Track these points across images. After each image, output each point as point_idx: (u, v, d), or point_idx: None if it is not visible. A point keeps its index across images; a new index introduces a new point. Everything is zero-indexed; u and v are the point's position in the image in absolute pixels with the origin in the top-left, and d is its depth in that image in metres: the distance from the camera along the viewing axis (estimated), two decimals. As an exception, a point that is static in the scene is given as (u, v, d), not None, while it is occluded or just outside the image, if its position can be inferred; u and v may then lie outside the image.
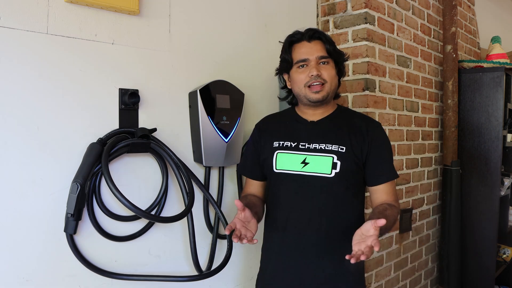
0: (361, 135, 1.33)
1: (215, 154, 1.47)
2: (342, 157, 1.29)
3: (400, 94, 2.16)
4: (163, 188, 1.39)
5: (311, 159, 1.32)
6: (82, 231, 1.23)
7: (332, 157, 1.30)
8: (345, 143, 1.31)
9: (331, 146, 1.31)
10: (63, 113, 1.19)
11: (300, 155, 1.34)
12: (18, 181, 1.11)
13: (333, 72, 1.33)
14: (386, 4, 2.03)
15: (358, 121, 1.38)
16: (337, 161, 1.29)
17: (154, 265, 1.41)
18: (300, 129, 1.38)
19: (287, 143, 1.36)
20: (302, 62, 1.33)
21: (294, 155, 1.34)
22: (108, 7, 1.24)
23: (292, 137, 1.37)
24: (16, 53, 1.10)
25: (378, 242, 1.04)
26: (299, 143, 1.35)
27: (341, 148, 1.30)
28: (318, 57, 1.32)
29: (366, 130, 1.34)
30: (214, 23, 1.57)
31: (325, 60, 1.32)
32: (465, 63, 2.63)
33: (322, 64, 1.32)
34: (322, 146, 1.32)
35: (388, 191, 1.35)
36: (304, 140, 1.35)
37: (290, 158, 1.34)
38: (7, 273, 1.10)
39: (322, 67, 1.32)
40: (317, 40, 1.34)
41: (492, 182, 2.46)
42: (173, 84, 1.44)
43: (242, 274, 1.71)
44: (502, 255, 2.78)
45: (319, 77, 1.30)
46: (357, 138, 1.32)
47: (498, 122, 2.45)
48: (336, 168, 1.29)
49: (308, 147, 1.34)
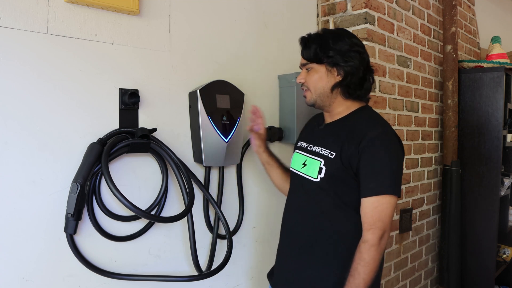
0: (353, 143, 1.23)
1: (215, 154, 1.47)
2: (329, 163, 1.26)
3: (400, 94, 2.16)
4: (163, 188, 1.39)
5: (308, 162, 1.34)
6: (82, 231, 1.23)
7: (320, 161, 1.29)
8: (336, 149, 1.26)
9: (324, 151, 1.29)
10: (63, 113, 1.19)
11: (304, 156, 1.37)
12: (18, 181, 1.11)
13: (314, 77, 1.31)
14: (386, 4, 2.03)
15: (362, 126, 1.26)
16: (323, 166, 1.27)
17: (154, 265, 1.41)
18: (315, 131, 1.42)
19: (303, 144, 1.42)
20: None
21: (301, 155, 1.39)
22: (108, 7, 1.24)
23: (308, 138, 1.42)
24: (16, 53, 1.10)
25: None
26: (309, 145, 1.38)
27: (331, 154, 1.27)
28: (301, 65, 1.36)
29: (362, 137, 1.22)
30: (214, 23, 1.57)
31: (307, 67, 1.34)
32: (465, 63, 2.62)
33: (307, 71, 1.34)
34: (318, 150, 1.32)
35: (365, 211, 1.20)
36: (312, 142, 1.37)
37: (298, 158, 1.40)
38: (7, 273, 1.10)
39: (307, 73, 1.34)
40: (306, 48, 1.34)
41: (492, 182, 2.46)
42: (173, 84, 1.44)
43: (242, 274, 1.71)
44: (502, 255, 2.78)
45: (304, 84, 1.35)
46: (349, 145, 1.23)
47: (498, 122, 2.44)
48: (321, 173, 1.27)
49: (311, 149, 1.36)
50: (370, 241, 1.18)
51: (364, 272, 1.16)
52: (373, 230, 1.18)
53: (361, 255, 1.18)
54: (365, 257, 1.17)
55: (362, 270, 1.16)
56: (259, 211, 1.76)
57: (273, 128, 1.74)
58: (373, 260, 1.17)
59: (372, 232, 1.18)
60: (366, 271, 1.16)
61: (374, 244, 1.17)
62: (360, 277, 1.16)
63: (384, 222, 1.19)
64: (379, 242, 1.18)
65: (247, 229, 1.71)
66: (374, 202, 1.19)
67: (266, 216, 1.79)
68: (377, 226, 1.18)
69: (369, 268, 1.17)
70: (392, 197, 1.20)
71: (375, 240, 1.18)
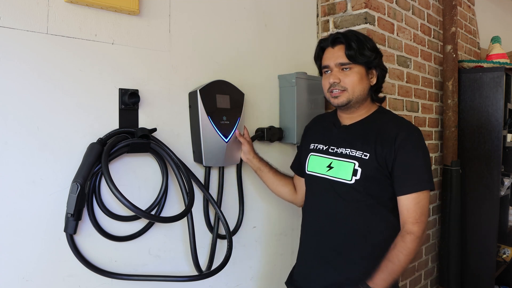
0: (388, 142, 1.26)
1: (215, 154, 1.47)
2: (364, 164, 1.26)
3: (400, 94, 2.16)
4: (163, 188, 1.39)
5: (336, 164, 1.32)
6: (82, 231, 1.23)
7: (353, 163, 1.27)
8: (370, 150, 1.27)
9: (356, 152, 1.29)
10: (63, 113, 1.19)
11: (327, 159, 1.35)
12: (18, 181, 1.11)
13: (355, 78, 1.29)
14: (386, 4, 2.03)
15: (391, 126, 1.30)
16: (358, 168, 1.26)
17: (154, 265, 1.41)
18: (333, 132, 1.40)
19: (320, 146, 1.40)
20: (325, 68, 1.35)
21: (322, 158, 1.37)
22: (108, 7, 1.24)
23: (325, 140, 1.40)
24: (16, 53, 1.10)
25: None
26: (330, 147, 1.37)
27: (364, 155, 1.27)
28: (338, 64, 1.30)
29: (395, 137, 1.26)
30: (214, 23, 1.57)
31: (346, 67, 1.30)
32: (465, 63, 2.62)
33: (344, 70, 1.30)
34: (348, 152, 1.30)
35: (408, 207, 1.24)
36: (334, 144, 1.36)
37: (319, 161, 1.37)
38: (7, 273, 1.10)
39: (344, 73, 1.30)
40: (340, 45, 1.31)
41: (492, 182, 2.46)
42: (173, 84, 1.44)
43: (242, 274, 1.71)
44: (502, 255, 2.78)
45: (338, 84, 1.30)
46: (384, 145, 1.26)
47: (498, 122, 2.44)
48: (357, 175, 1.26)
49: (336, 151, 1.34)
50: (416, 233, 1.22)
51: (404, 261, 1.21)
52: (419, 224, 1.23)
53: (405, 245, 1.22)
54: (409, 247, 1.21)
55: (403, 259, 1.21)
56: (259, 211, 1.76)
57: (273, 128, 1.74)
58: (414, 251, 1.23)
59: (418, 225, 1.23)
60: (406, 260, 1.21)
61: (419, 236, 1.23)
62: (399, 264, 1.21)
63: (426, 216, 1.26)
64: (422, 235, 1.24)
65: (247, 229, 1.71)
66: (415, 197, 1.24)
67: (266, 216, 1.79)
68: (422, 220, 1.24)
69: (409, 257, 1.22)
70: (427, 192, 1.26)
71: (420, 232, 1.23)
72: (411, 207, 1.24)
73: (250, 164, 1.55)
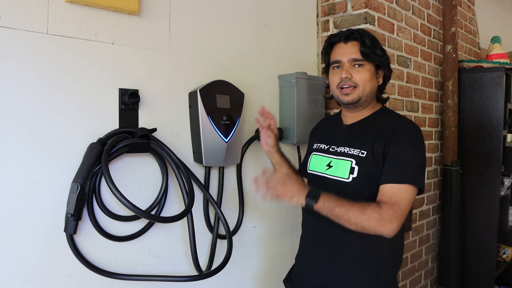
0: (384, 137, 1.24)
1: (215, 154, 1.47)
2: (360, 162, 1.25)
3: (400, 94, 2.16)
4: (163, 188, 1.39)
5: (335, 163, 1.32)
6: (82, 231, 1.23)
7: (351, 161, 1.27)
8: (367, 147, 1.26)
9: (353, 150, 1.28)
10: (63, 113, 1.19)
11: (327, 158, 1.35)
12: (18, 181, 1.11)
13: (367, 76, 1.29)
14: (386, 4, 2.03)
15: (390, 123, 1.29)
16: (355, 166, 1.26)
17: (154, 265, 1.41)
18: (336, 132, 1.40)
19: (322, 146, 1.40)
20: (336, 63, 1.33)
21: (323, 157, 1.37)
22: (108, 7, 1.24)
23: (327, 140, 1.40)
24: (16, 53, 1.10)
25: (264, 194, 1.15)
26: (331, 146, 1.37)
27: (361, 153, 1.26)
28: (351, 59, 1.29)
29: (392, 132, 1.24)
30: (214, 23, 1.57)
31: (359, 63, 1.29)
32: (465, 63, 2.62)
33: (356, 67, 1.29)
34: (346, 150, 1.30)
35: (385, 193, 1.18)
36: (335, 143, 1.36)
37: (319, 160, 1.38)
38: (7, 273, 1.10)
39: (355, 69, 1.29)
40: (354, 41, 1.30)
41: (492, 182, 2.46)
42: (173, 84, 1.44)
43: (242, 274, 1.71)
44: (502, 255, 2.78)
45: (350, 80, 1.29)
46: (381, 140, 1.24)
47: (498, 122, 2.44)
48: (354, 173, 1.26)
49: (336, 150, 1.34)
50: (384, 215, 1.12)
51: (357, 219, 1.12)
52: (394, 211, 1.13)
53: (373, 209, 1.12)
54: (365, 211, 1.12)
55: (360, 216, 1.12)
56: (259, 211, 1.76)
57: (273, 128, 1.74)
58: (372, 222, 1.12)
59: (387, 209, 1.13)
60: (359, 220, 1.12)
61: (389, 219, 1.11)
62: (353, 216, 1.13)
63: (401, 207, 1.14)
64: (390, 222, 1.12)
65: (247, 229, 1.71)
66: (393, 188, 1.17)
67: (266, 216, 1.79)
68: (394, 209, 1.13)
69: (363, 221, 1.12)
70: (411, 187, 1.18)
71: (390, 216, 1.12)
72: (387, 194, 1.17)
73: (271, 157, 1.51)
